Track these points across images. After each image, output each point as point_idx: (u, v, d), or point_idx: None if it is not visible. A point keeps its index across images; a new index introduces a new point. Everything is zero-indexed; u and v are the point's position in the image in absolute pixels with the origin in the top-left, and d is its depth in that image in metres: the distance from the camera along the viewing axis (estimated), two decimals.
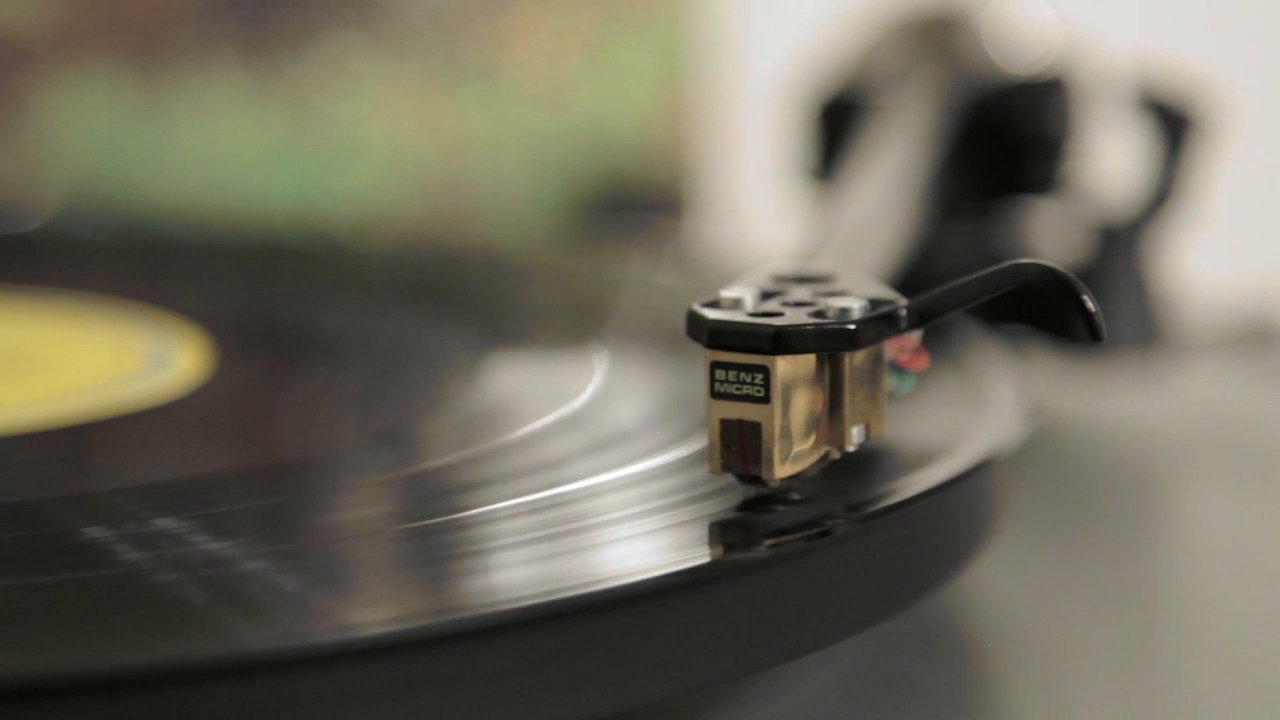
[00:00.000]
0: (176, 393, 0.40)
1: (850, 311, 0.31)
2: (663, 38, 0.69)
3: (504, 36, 0.67)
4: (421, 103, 0.66)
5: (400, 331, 0.46)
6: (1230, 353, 0.54)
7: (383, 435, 0.38)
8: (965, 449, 0.34)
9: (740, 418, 0.30)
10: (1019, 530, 0.37)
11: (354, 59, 0.65)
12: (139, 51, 0.64)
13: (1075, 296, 0.30)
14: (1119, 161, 0.50)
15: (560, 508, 0.32)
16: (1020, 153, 0.50)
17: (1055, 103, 0.50)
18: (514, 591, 0.29)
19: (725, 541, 0.31)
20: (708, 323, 0.31)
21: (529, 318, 0.48)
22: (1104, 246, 0.49)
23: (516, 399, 0.40)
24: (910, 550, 0.32)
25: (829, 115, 0.50)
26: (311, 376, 0.44)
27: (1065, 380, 0.50)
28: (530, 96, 0.68)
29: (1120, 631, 0.37)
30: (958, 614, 0.36)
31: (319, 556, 0.31)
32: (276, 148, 0.65)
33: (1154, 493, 0.46)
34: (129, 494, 0.34)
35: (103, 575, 0.29)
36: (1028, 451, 0.37)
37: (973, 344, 0.41)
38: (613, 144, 0.68)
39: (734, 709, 0.32)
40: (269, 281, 0.52)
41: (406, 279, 0.52)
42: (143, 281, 0.51)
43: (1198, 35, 0.69)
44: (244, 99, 0.65)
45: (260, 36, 0.65)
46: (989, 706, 0.34)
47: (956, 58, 0.50)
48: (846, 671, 0.34)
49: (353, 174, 0.66)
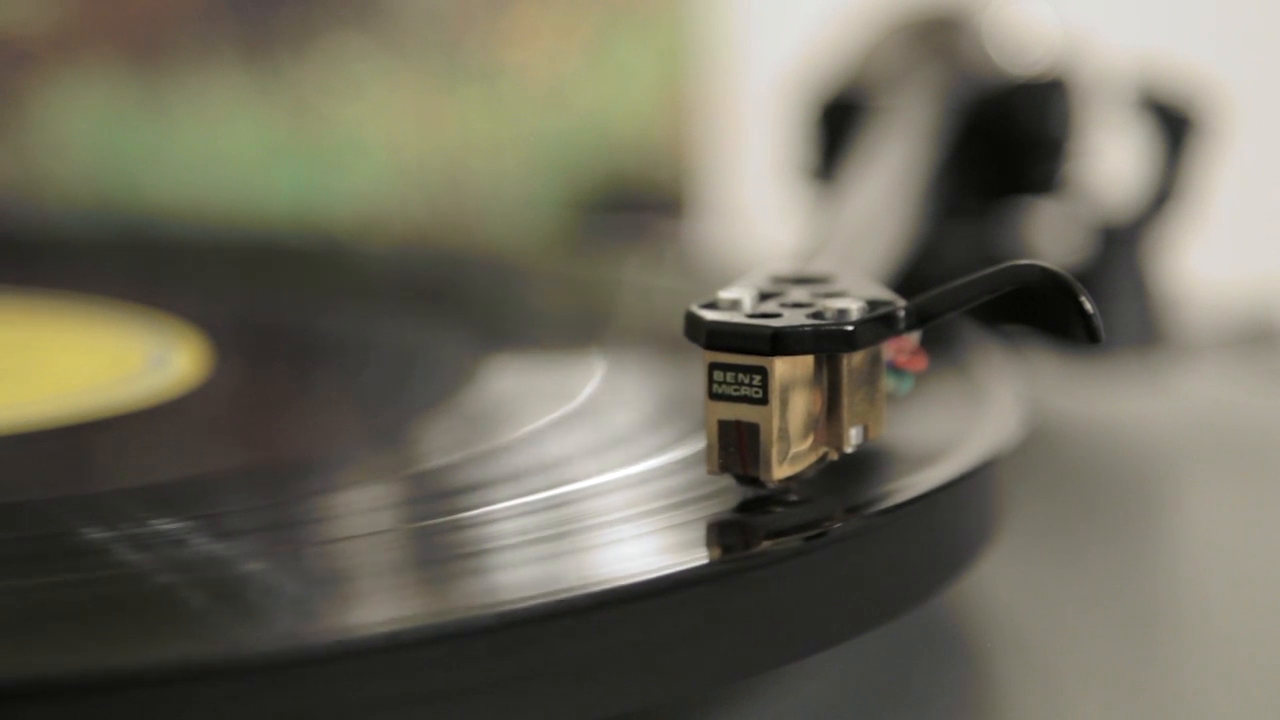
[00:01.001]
0: (175, 393, 0.40)
1: (848, 313, 0.31)
2: (664, 38, 0.69)
3: (504, 37, 0.67)
4: (422, 103, 0.66)
5: (400, 332, 0.46)
6: (1230, 353, 0.54)
7: (382, 436, 0.38)
8: (965, 450, 0.34)
9: (738, 419, 0.30)
10: (1019, 531, 0.37)
11: (354, 59, 0.65)
12: (139, 51, 0.64)
13: (1073, 298, 0.30)
14: (1119, 162, 0.50)
15: (559, 509, 0.32)
16: (1021, 153, 0.50)
17: (1056, 103, 0.50)
18: (513, 592, 0.29)
19: (724, 543, 0.31)
20: (705, 324, 0.31)
21: (529, 318, 0.48)
22: (1104, 247, 0.49)
23: (516, 400, 0.40)
24: (910, 551, 0.32)
25: (829, 116, 0.50)
26: (311, 377, 0.44)
27: (1065, 380, 0.50)
28: (531, 97, 0.68)
29: (1120, 632, 0.37)
30: (958, 614, 0.36)
31: (317, 558, 0.31)
32: (277, 148, 0.65)
33: (1154, 493, 0.46)
34: (128, 495, 0.34)
35: (101, 576, 0.29)
36: (1028, 452, 0.37)
37: (972, 345, 0.41)
38: (613, 145, 0.68)
39: (734, 710, 0.32)
40: (268, 282, 0.52)
41: (407, 280, 0.52)
42: (142, 282, 0.51)
43: (1198, 35, 0.69)
44: (244, 99, 0.65)
45: (260, 37, 0.65)
46: (989, 706, 0.34)
47: (957, 58, 0.50)
48: (846, 672, 0.34)
49: (353, 175, 0.66)
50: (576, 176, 0.68)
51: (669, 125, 0.69)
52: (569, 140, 0.68)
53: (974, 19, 0.51)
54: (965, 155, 0.48)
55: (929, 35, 0.51)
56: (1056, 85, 0.50)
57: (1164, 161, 0.49)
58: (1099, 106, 0.50)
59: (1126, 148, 0.49)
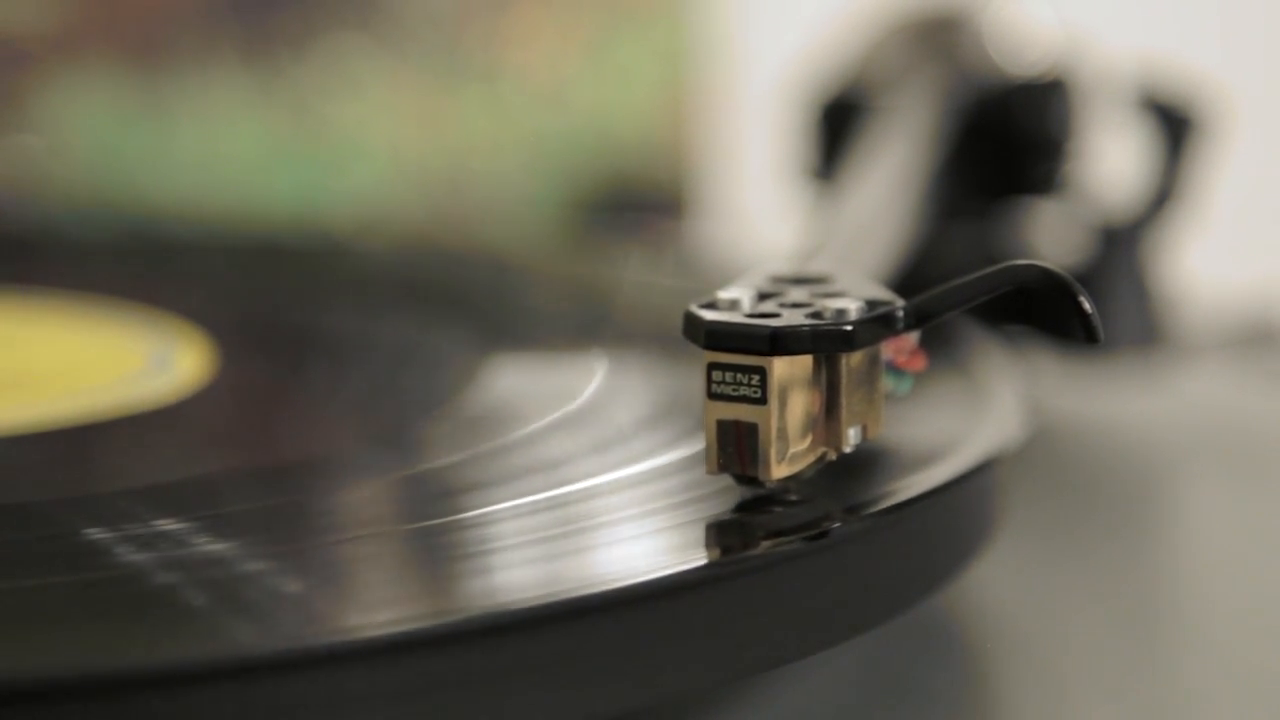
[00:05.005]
0: (177, 394, 0.40)
1: (847, 312, 0.31)
2: (664, 39, 0.69)
3: (505, 37, 0.67)
4: (422, 104, 0.66)
5: (401, 333, 0.46)
6: (1230, 353, 0.54)
7: (383, 436, 0.38)
8: (965, 450, 0.34)
9: (737, 418, 0.30)
10: (1019, 531, 0.37)
11: (355, 60, 0.65)
12: (139, 51, 0.64)
13: (1072, 298, 0.30)
14: (1120, 162, 0.50)
15: (559, 509, 0.32)
16: (1021, 153, 0.50)
17: (1056, 103, 0.50)
18: (514, 593, 0.29)
19: (723, 543, 0.31)
20: (704, 324, 0.31)
21: (530, 319, 0.48)
22: (1105, 247, 0.49)
23: (516, 400, 0.40)
24: (909, 552, 0.32)
25: (830, 116, 0.50)
26: (312, 378, 0.44)
27: (1065, 380, 0.50)
28: (531, 97, 0.68)
29: (1120, 631, 0.37)
30: (958, 614, 0.36)
31: (320, 558, 0.31)
32: (277, 149, 0.65)
33: (1154, 493, 0.46)
34: (130, 495, 0.34)
35: (103, 576, 0.29)
36: (1028, 452, 0.37)
37: (972, 345, 0.41)
38: (614, 145, 0.68)
39: (733, 710, 0.32)
40: (270, 283, 0.52)
41: (407, 280, 0.52)
42: (143, 282, 0.51)
43: (1199, 35, 0.69)
44: (245, 100, 0.65)
45: (261, 37, 0.65)
46: (989, 706, 0.34)
47: (957, 58, 0.50)
48: (846, 672, 0.34)
49: (354, 175, 0.66)
50: (577, 177, 0.68)
51: (669, 125, 0.69)
52: (569, 140, 0.68)
53: (974, 19, 0.51)
54: (965, 155, 0.48)
55: (929, 35, 0.51)
56: (1056, 85, 0.50)
57: (1164, 162, 0.49)
58: (1099, 106, 0.50)
59: (1126, 148, 0.49)
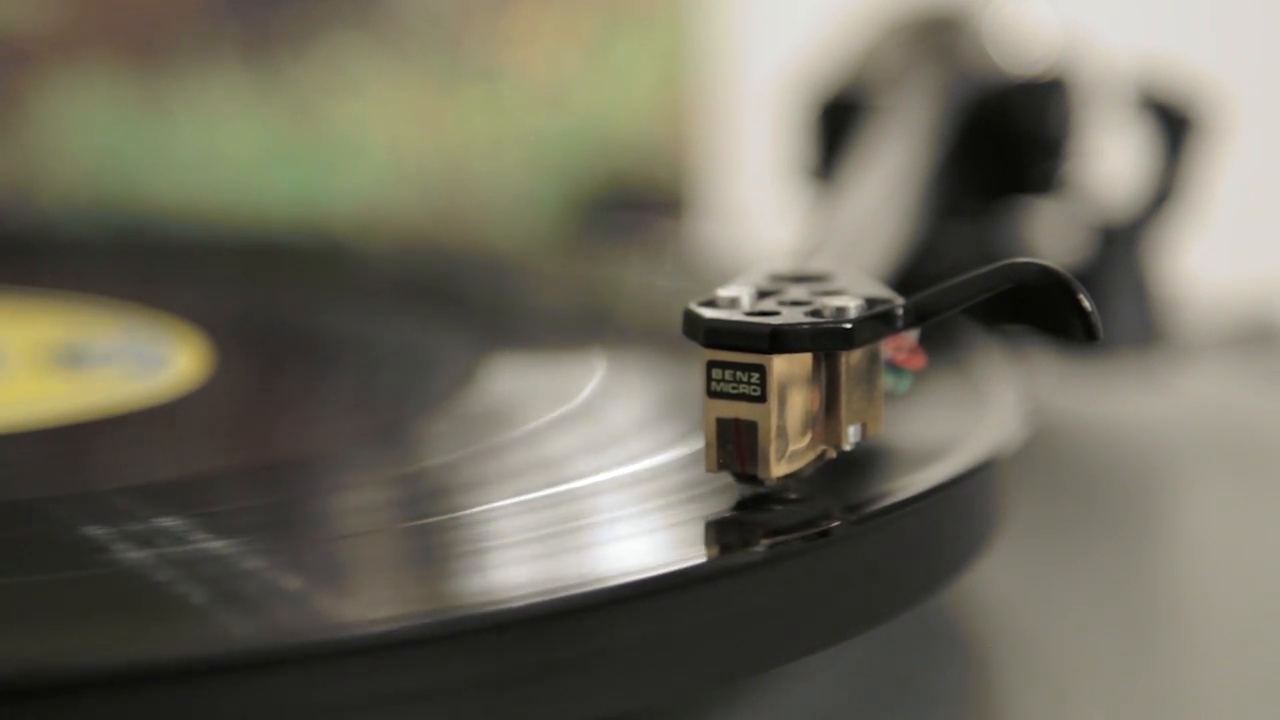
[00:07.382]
0: (175, 393, 0.40)
1: (846, 310, 0.31)
2: (663, 38, 0.69)
3: (504, 37, 0.67)
4: (422, 103, 0.66)
5: (400, 332, 0.46)
6: (1230, 353, 0.54)
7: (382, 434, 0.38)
8: (965, 449, 0.34)
9: (736, 416, 0.30)
10: (1019, 530, 0.37)
11: (354, 59, 0.65)
12: (139, 51, 0.64)
13: (1071, 295, 0.30)
14: (1119, 162, 0.50)
15: (558, 507, 0.32)
16: (1020, 153, 0.50)
17: (1055, 103, 0.50)
18: (512, 590, 0.29)
19: (722, 541, 0.31)
20: (704, 322, 0.31)
21: (529, 318, 0.48)
22: (1104, 247, 0.49)
23: (515, 399, 0.40)
24: (909, 551, 0.32)
25: (829, 115, 0.50)
26: (310, 377, 0.44)
27: (1065, 380, 0.50)
28: (531, 97, 0.68)
29: (1120, 631, 0.37)
30: (958, 614, 0.36)
31: (318, 555, 0.31)
32: (276, 148, 0.65)
33: (1154, 493, 0.46)
34: (128, 493, 0.34)
35: (101, 574, 0.29)
36: (1028, 452, 0.37)
37: (973, 345, 0.41)
38: (613, 145, 0.68)
39: (733, 710, 0.32)
40: (268, 282, 0.52)
41: (406, 280, 0.52)
42: (142, 281, 0.51)
43: (1198, 35, 0.69)
44: (244, 99, 0.65)
45: (261, 37, 0.65)
46: (989, 706, 0.34)
47: (957, 58, 0.50)
48: (846, 672, 0.34)
49: (353, 174, 0.66)
50: (576, 176, 0.68)
51: (669, 125, 0.69)
52: (569, 140, 0.68)
53: (974, 19, 0.51)
54: (965, 155, 0.48)
55: (929, 35, 0.51)
56: (1056, 85, 0.50)
57: (1164, 161, 0.49)
58: (1099, 106, 0.50)
59: (1126, 148, 0.49)
